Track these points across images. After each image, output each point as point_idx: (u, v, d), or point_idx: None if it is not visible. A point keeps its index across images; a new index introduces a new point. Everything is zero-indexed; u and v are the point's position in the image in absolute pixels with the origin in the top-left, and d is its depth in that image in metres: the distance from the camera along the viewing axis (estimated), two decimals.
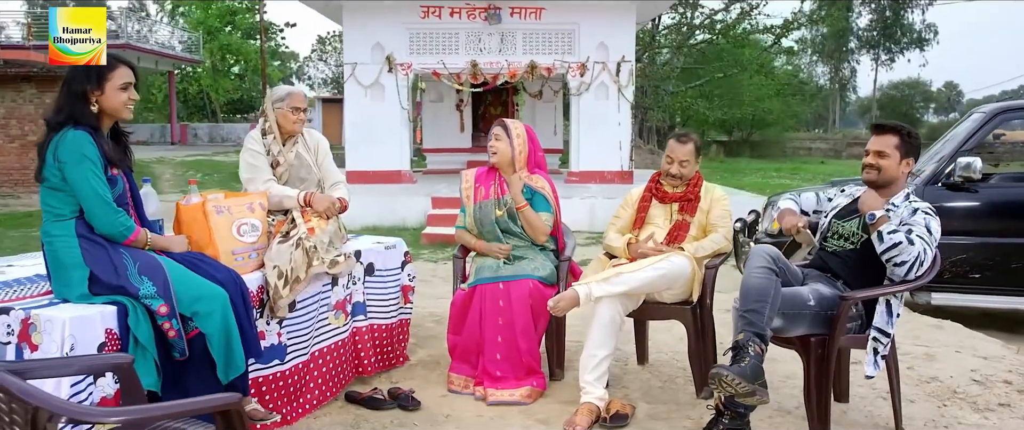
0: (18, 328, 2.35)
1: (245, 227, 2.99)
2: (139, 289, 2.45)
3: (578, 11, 12.31)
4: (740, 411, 2.77)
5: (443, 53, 12.55)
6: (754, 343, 2.61)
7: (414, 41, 12.53)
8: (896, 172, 2.95)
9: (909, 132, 2.97)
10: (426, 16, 12.44)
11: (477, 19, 12.41)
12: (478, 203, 3.77)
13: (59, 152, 2.49)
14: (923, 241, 2.78)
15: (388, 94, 12.52)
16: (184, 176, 17.16)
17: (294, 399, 3.14)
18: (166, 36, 28.98)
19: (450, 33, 12.55)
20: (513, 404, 3.33)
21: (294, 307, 3.12)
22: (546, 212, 3.67)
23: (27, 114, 14.92)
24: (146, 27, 28.77)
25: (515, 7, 12.37)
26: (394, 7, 12.33)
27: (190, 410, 1.73)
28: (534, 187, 3.71)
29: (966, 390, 3.45)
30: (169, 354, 2.52)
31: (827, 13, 33.16)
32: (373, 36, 12.42)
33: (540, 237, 3.65)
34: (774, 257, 2.81)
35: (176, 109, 28.94)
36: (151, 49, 23.68)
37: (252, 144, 3.47)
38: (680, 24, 27.16)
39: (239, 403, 1.69)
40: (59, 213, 2.53)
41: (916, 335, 4.33)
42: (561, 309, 3.21)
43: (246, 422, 1.72)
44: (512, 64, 12.44)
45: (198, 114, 35.38)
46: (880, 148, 2.95)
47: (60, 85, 2.64)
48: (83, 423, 2.14)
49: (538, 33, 12.52)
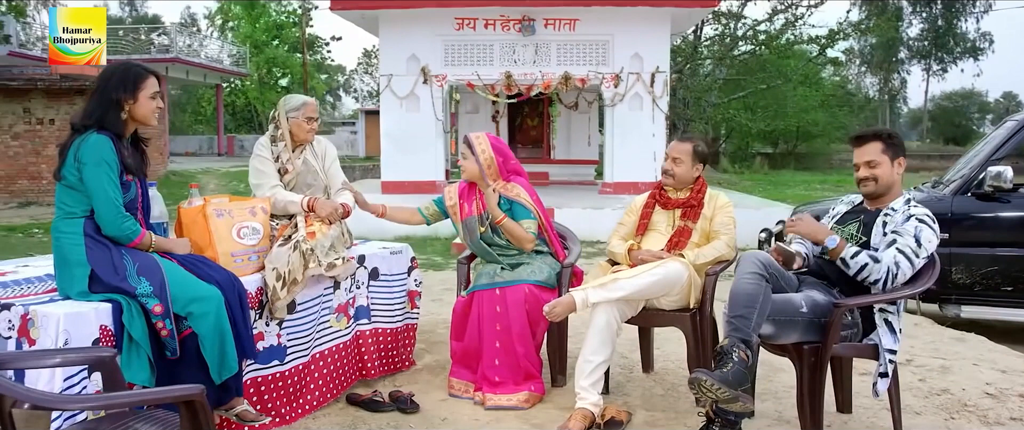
0: (18, 323, 2.45)
1: (246, 230, 3.07)
2: (136, 289, 2.53)
3: (612, 22, 12.31)
4: (730, 418, 2.74)
5: (478, 64, 12.65)
6: (739, 349, 2.59)
7: (449, 52, 12.66)
8: (891, 176, 2.93)
9: (889, 133, 2.98)
10: (461, 28, 12.56)
11: (511, 30, 12.49)
12: (463, 221, 3.80)
13: (81, 153, 2.59)
14: (902, 255, 2.76)
15: (423, 105, 12.66)
16: (228, 186, 17.54)
17: (294, 399, 3.20)
18: (215, 50, 29.78)
19: (485, 44, 12.65)
20: (510, 409, 3.34)
21: (294, 309, 3.18)
22: (527, 219, 3.68)
23: None
24: (197, 41, 29.62)
25: (549, 18, 12.42)
26: (429, 19, 12.48)
27: (151, 399, 1.78)
28: (510, 197, 3.71)
29: (977, 403, 3.35)
30: (163, 353, 2.59)
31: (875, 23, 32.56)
32: (409, 48, 12.58)
33: (526, 245, 3.66)
34: (765, 263, 2.78)
35: (224, 121, 29.62)
36: (200, 62, 24.31)
37: (261, 151, 3.56)
38: (723, 35, 26.90)
39: (200, 394, 1.74)
40: (71, 211, 2.63)
41: (935, 347, 4.22)
42: (557, 314, 3.21)
43: (209, 413, 1.76)
44: (546, 75, 12.48)
45: (246, 126, 36.14)
46: (869, 158, 2.94)
47: (92, 91, 2.73)
48: (77, 415, 2.23)
49: (572, 44, 12.55)
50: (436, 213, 3.97)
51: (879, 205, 2.99)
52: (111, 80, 2.70)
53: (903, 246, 2.79)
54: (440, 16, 12.50)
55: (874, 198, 3.00)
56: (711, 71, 27.10)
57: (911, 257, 2.79)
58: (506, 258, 3.67)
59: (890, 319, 2.87)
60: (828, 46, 26.95)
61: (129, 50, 23.83)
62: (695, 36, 26.25)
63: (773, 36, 25.44)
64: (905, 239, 2.79)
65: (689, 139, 3.62)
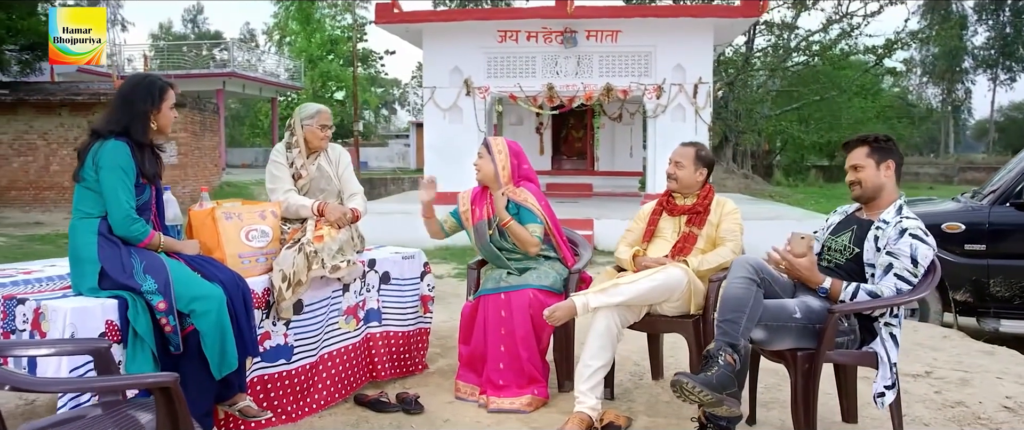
0: (31, 317, 2.59)
1: (254, 233, 3.18)
2: (142, 286, 2.66)
3: (655, 33, 12.28)
4: (722, 424, 2.73)
5: (520, 76, 12.75)
6: (725, 353, 2.58)
7: (492, 65, 12.78)
8: (878, 180, 2.91)
9: (877, 138, 2.95)
10: (503, 40, 12.68)
11: (553, 42, 12.55)
12: (474, 226, 3.86)
13: (99, 157, 2.74)
14: (901, 280, 2.75)
15: (466, 117, 12.79)
16: None
17: (300, 398, 3.29)
18: (273, 65, 30.59)
19: (527, 56, 12.74)
20: (513, 412, 3.38)
21: (301, 310, 3.28)
22: (534, 223, 3.72)
23: None
24: (255, 56, 30.50)
25: (591, 30, 12.45)
26: (472, 32, 12.63)
27: (126, 385, 1.88)
28: (518, 201, 3.76)
29: (992, 416, 3.26)
30: (167, 348, 2.71)
31: (938, 32, 31.69)
32: (452, 60, 12.75)
33: (531, 249, 3.70)
34: (756, 267, 2.77)
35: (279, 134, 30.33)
36: (255, 77, 24.97)
37: (277, 156, 3.68)
38: (776, 46, 26.52)
39: (174, 381, 1.83)
40: (87, 212, 2.77)
41: (959, 360, 4.11)
42: (557, 318, 3.24)
43: (183, 402, 1.85)
44: (588, 86, 12.51)
45: None
46: (854, 162, 2.94)
47: (115, 100, 2.88)
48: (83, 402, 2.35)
49: (614, 55, 12.55)
50: (454, 225, 4.04)
51: (872, 213, 2.95)
52: (137, 92, 2.84)
53: (900, 270, 2.76)
54: (483, 29, 12.65)
55: (866, 203, 2.97)
56: (764, 82, 26.73)
57: (910, 280, 2.77)
58: (514, 262, 3.72)
59: (895, 332, 2.83)
60: (885, 56, 26.33)
61: (189, 65, 24.64)
62: (747, 47, 25.97)
63: (827, 46, 25.00)
64: (902, 262, 2.76)
65: (692, 144, 3.64)
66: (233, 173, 22.08)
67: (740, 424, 3.20)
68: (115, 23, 39.37)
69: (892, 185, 2.95)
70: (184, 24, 46.47)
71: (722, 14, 11.93)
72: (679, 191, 3.61)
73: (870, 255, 2.86)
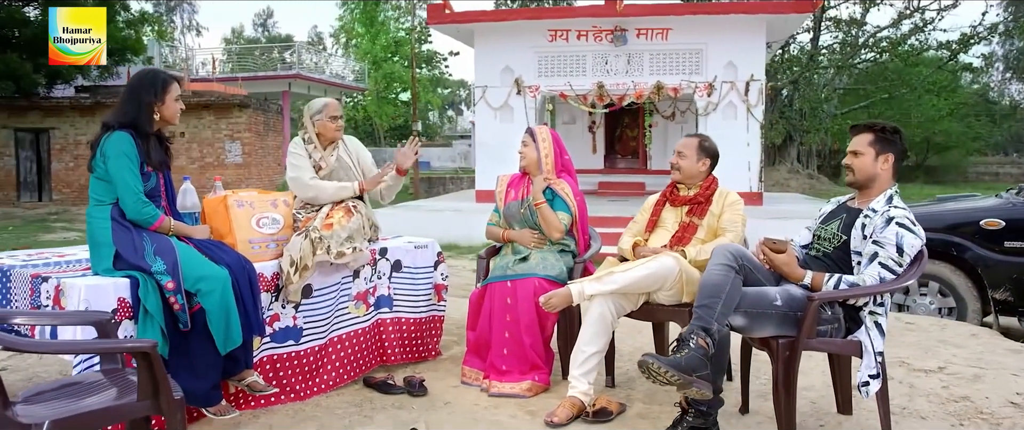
0: (53, 293, 2.82)
1: (265, 220, 3.37)
2: (152, 266, 2.86)
3: (706, 31, 12.18)
4: (702, 409, 2.78)
5: (570, 75, 12.82)
6: (697, 336, 2.62)
7: (542, 64, 12.89)
8: (873, 170, 2.89)
9: (884, 128, 2.91)
10: (554, 39, 12.77)
11: (604, 41, 12.58)
12: (507, 204, 3.98)
13: (105, 148, 2.96)
14: (885, 269, 2.74)
15: (517, 115, 12.93)
16: None
17: (309, 378, 3.46)
18: (340, 67, 31.38)
19: (577, 55, 12.81)
20: (513, 396, 3.47)
21: (310, 294, 3.45)
22: (564, 212, 3.82)
23: (205, 138, 16.71)
24: (322, 59, 31.33)
25: (642, 28, 12.43)
26: (523, 31, 12.77)
27: (105, 349, 2.06)
28: (556, 189, 3.87)
29: (995, 412, 3.20)
30: (177, 325, 2.90)
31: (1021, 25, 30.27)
32: (503, 60, 12.91)
33: (554, 234, 3.80)
34: (736, 255, 2.80)
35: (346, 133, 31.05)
36: (319, 78, 25.67)
37: (296, 148, 3.86)
38: (843, 43, 25.82)
39: (152, 347, 2.00)
40: (100, 199, 2.99)
41: (979, 357, 4.02)
42: (553, 305, 3.33)
43: (161, 365, 2.02)
44: (638, 85, 12.50)
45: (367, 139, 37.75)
46: (854, 148, 2.93)
47: (124, 94, 3.11)
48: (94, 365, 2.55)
49: (665, 53, 12.51)
50: (499, 222, 4.12)
51: (863, 201, 2.94)
52: (142, 85, 3.06)
53: (885, 259, 2.75)
54: (533, 28, 12.77)
55: (859, 190, 2.96)
56: (830, 80, 26.05)
57: (894, 269, 2.76)
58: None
59: (879, 321, 2.82)
60: (960, 51, 25.34)
61: (256, 67, 25.49)
62: (812, 44, 25.36)
63: (897, 42, 24.20)
64: (887, 250, 2.75)
65: (696, 135, 3.69)
66: None
67: (734, 413, 3.24)
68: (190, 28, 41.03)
69: (887, 177, 2.93)
70: (254, 28, 48.02)
71: (774, 10, 11.74)
72: (682, 181, 3.65)
73: (857, 243, 2.86)
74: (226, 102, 16.48)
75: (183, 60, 28.17)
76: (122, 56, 17.48)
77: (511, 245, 3.90)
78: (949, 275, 5.46)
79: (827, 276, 2.81)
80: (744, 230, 3.53)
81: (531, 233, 3.87)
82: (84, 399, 2.08)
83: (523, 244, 3.86)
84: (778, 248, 2.90)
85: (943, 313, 5.49)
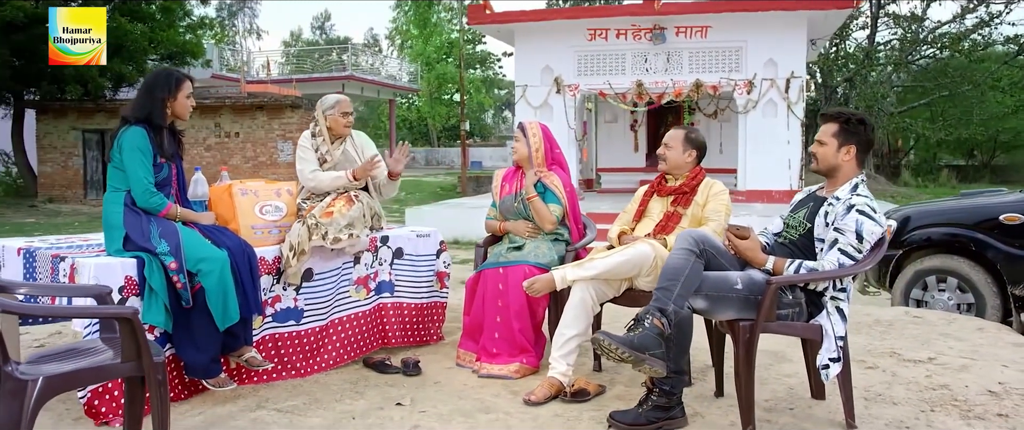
0: (68, 271, 3.10)
1: (268, 208, 3.60)
2: (157, 248, 3.11)
3: (745, 28, 12.13)
4: (665, 388, 2.89)
5: (610, 73, 12.90)
6: (653, 316, 2.74)
7: (581, 63, 13.01)
8: (835, 160, 2.95)
9: (849, 119, 2.96)
10: (593, 38, 12.88)
11: (643, 40, 12.63)
12: (502, 198, 4.15)
13: (121, 141, 3.23)
14: (844, 255, 2.81)
15: (556, 114, 13.08)
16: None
17: (310, 356, 3.68)
18: (395, 68, 31.96)
19: (617, 54, 12.89)
20: (501, 377, 3.63)
21: (312, 277, 3.67)
22: (555, 204, 3.97)
23: (259, 138, 17.28)
24: (378, 61, 31.96)
25: (681, 26, 12.45)
26: (562, 30, 12.90)
27: (90, 314, 2.30)
28: (546, 183, 4.01)
29: (970, 399, 3.22)
30: (180, 302, 3.15)
31: None
32: (543, 59, 13.07)
33: (546, 225, 3.95)
34: (698, 240, 2.91)
35: (399, 134, 31.64)
36: (372, 79, 26.21)
37: (304, 142, 4.09)
38: (902, 38, 25.16)
39: (133, 314, 2.22)
40: (116, 186, 3.26)
41: (974, 349, 4.01)
42: (536, 290, 3.48)
43: (142, 330, 2.24)
44: (677, 83, 12.51)
45: (422, 139, 38.34)
46: (819, 137, 2.99)
47: (141, 90, 3.39)
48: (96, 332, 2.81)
49: (704, 51, 12.50)
50: (496, 215, 4.31)
51: (829, 190, 3.01)
52: (157, 82, 3.33)
53: (845, 245, 2.82)
54: (573, 28, 12.90)
55: (827, 178, 3.03)
56: (888, 77, 25.43)
57: (853, 255, 2.82)
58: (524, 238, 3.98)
59: (841, 306, 2.90)
60: None
61: (311, 69, 26.17)
62: (869, 41, 24.81)
63: (959, 37, 23.47)
64: (847, 237, 2.82)
65: (683, 126, 3.80)
66: None
67: (709, 397, 3.34)
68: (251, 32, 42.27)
69: (850, 167, 2.99)
70: (313, 31, 49.12)
71: (815, 6, 11.62)
72: (669, 172, 3.76)
73: (820, 230, 2.94)
74: (278, 103, 17.01)
75: (244, 63, 29.07)
76: (181, 59, 18.23)
77: (508, 235, 4.06)
78: (968, 271, 5.40)
79: (788, 261, 2.90)
80: (727, 220, 3.61)
81: (525, 224, 4.02)
82: (80, 361, 2.32)
83: (518, 235, 4.02)
84: (742, 234, 3.00)
85: (962, 309, 5.44)
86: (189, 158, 16.55)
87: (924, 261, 5.61)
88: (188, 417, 3.08)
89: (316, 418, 3.08)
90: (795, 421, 3.03)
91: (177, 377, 3.25)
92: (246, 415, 3.11)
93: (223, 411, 3.15)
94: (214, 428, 2.97)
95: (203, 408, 3.18)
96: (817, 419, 3.05)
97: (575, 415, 3.12)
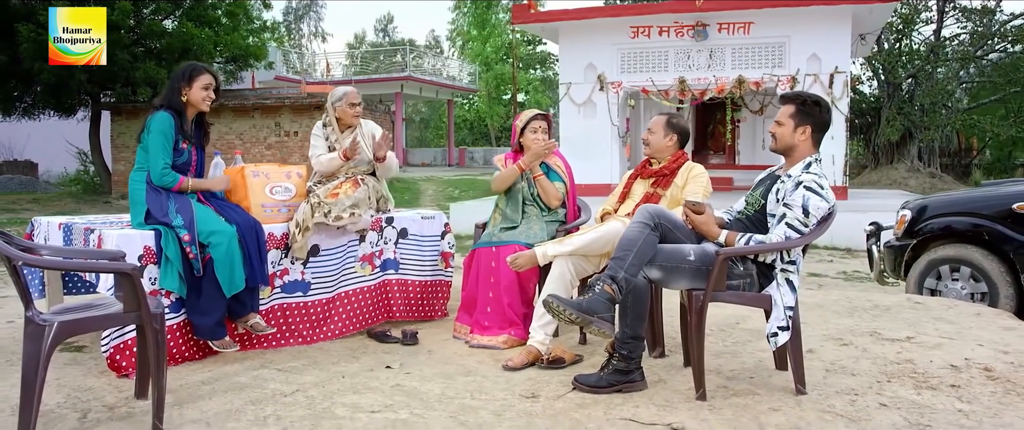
0: (96, 240, 3.50)
1: (278, 189, 3.95)
2: (173, 221, 3.48)
3: (788, 23, 12.09)
4: (623, 353, 3.10)
5: (652, 70, 13.01)
6: (603, 283, 2.96)
7: (624, 60, 13.15)
8: (791, 140, 3.11)
9: (805, 100, 3.11)
10: (636, 36, 13.01)
11: (685, 36, 12.70)
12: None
13: (150, 124, 3.62)
14: (790, 228, 2.98)
15: (599, 111, 13.26)
16: (444, 192, 19.29)
17: (316, 326, 4.01)
18: (455, 69, 32.52)
19: (659, 51, 12.99)
20: (490, 347, 3.89)
21: (318, 253, 4.00)
22: (558, 182, 4.24)
23: None
24: (439, 61, 32.58)
25: (723, 22, 12.47)
26: (605, 28, 13.07)
27: (94, 268, 2.66)
28: (549, 164, 4.28)
29: (931, 372, 3.32)
30: (192, 271, 3.51)
31: None
32: (586, 57, 13.26)
33: (552, 202, 4.24)
34: (654, 214, 3.11)
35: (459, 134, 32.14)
36: (430, 80, 26.74)
37: (317, 131, 4.44)
38: (972, 33, 24.35)
39: (133, 269, 2.57)
40: (141, 166, 3.65)
41: (958, 331, 4.07)
42: (519, 265, 3.73)
43: (141, 285, 2.59)
44: (720, 79, 12.55)
45: (482, 140, 38.81)
46: (778, 118, 3.14)
47: (169, 81, 3.77)
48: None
49: (747, 47, 12.49)
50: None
51: (785, 169, 3.17)
52: (178, 73, 3.70)
53: (792, 220, 2.99)
54: (616, 25, 13.05)
55: (784, 156, 3.18)
56: (955, 73, 24.65)
57: (799, 228, 2.98)
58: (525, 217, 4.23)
59: (791, 278, 3.06)
60: None
61: (371, 71, 26.87)
62: (935, 36, 24.10)
63: None
64: (794, 212, 2.98)
65: (664, 113, 4.00)
66: (409, 170, 23.83)
67: (677, 367, 3.53)
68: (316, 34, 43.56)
69: (806, 147, 3.14)
70: (376, 33, 50.16)
71: (860, 0, 11.50)
72: (652, 156, 3.97)
73: (772, 206, 3.11)
74: None
75: (307, 65, 30.03)
76: (245, 62, 19.02)
77: (500, 212, 4.32)
78: (981, 260, 5.41)
79: (739, 235, 3.08)
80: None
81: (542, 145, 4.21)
82: (90, 312, 2.68)
83: (538, 159, 4.24)
84: (697, 210, 3.19)
85: (975, 298, 5.45)
86: (251, 156, 17.38)
87: (938, 250, 5.63)
88: (198, 373, 3.43)
89: (309, 376, 3.40)
90: (751, 387, 3.20)
91: (192, 340, 3.62)
92: (249, 373, 3.45)
93: (230, 369, 3.50)
94: (219, 382, 3.31)
95: (213, 367, 3.53)
96: (771, 386, 3.22)
97: (546, 379, 3.36)
